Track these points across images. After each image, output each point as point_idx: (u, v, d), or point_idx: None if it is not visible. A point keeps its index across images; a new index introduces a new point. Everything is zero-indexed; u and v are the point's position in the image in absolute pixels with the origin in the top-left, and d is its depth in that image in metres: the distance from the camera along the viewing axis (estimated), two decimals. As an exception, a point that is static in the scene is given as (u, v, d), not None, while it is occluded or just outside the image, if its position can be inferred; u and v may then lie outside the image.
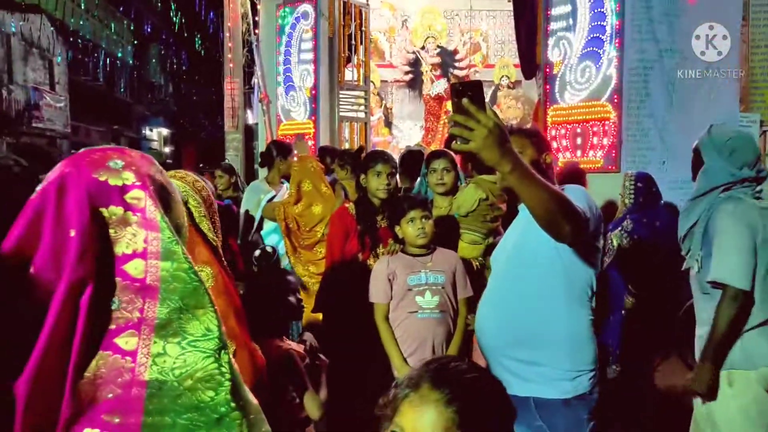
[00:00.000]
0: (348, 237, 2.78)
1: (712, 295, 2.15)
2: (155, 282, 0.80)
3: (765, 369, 2.11)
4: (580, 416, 1.79)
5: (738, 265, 2.05)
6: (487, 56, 10.67)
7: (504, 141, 1.33)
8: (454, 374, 0.91)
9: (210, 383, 0.80)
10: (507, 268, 1.92)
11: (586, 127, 5.53)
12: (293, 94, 7.63)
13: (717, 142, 2.20)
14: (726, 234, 2.09)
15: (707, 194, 2.19)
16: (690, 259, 2.27)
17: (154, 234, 0.81)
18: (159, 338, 0.79)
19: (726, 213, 2.11)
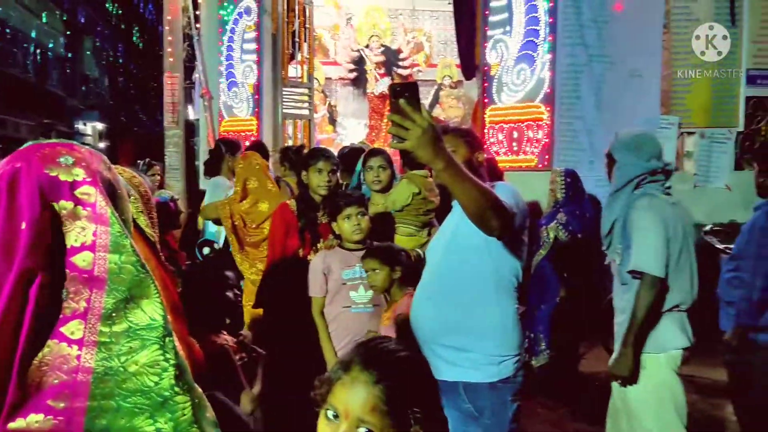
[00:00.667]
0: (289, 233, 2.83)
1: (629, 285, 2.33)
2: (103, 273, 0.83)
3: (674, 352, 2.31)
4: (505, 398, 1.92)
5: (654, 254, 2.24)
6: (430, 56, 10.87)
7: (437, 140, 1.42)
8: (382, 355, 0.99)
9: (154, 369, 0.84)
10: (441, 260, 2.02)
11: (521, 127, 5.77)
12: (236, 90, 7.55)
13: (624, 141, 2.42)
14: (642, 227, 2.28)
15: (624, 188, 2.38)
16: (612, 252, 2.45)
17: (104, 228, 0.84)
18: (105, 327, 0.83)
19: (642, 208, 2.30)
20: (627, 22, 5.63)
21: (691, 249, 2.36)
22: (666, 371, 2.31)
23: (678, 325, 2.33)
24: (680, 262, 2.31)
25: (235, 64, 7.50)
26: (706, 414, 3.71)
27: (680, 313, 2.34)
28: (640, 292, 2.25)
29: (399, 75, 10.66)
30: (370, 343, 1.05)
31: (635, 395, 2.33)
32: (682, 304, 2.33)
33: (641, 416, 2.32)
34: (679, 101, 5.93)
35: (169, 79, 8.16)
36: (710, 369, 3.87)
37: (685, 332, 2.34)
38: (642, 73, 5.65)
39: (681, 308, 2.33)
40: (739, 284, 2.57)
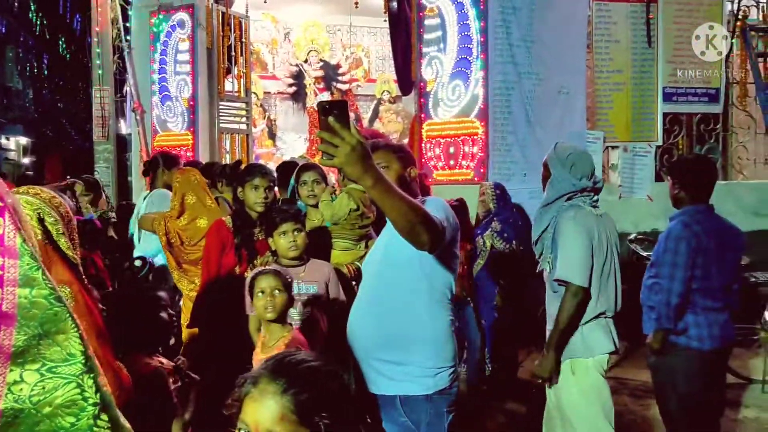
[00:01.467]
0: (224, 250, 2.78)
1: (559, 293, 2.42)
2: (12, 309, 0.78)
3: (601, 356, 2.43)
4: (441, 409, 1.95)
5: (578, 264, 2.34)
6: (369, 71, 10.99)
7: (366, 157, 1.43)
8: (290, 365, 0.98)
9: (71, 409, 0.79)
10: (375, 274, 2.04)
11: (457, 141, 5.92)
12: (169, 104, 7.35)
13: (561, 157, 2.51)
14: (568, 237, 2.38)
15: (554, 202, 2.50)
16: (543, 261, 2.55)
17: (12, 261, 0.80)
18: (15, 366, 0.77)
19: (568, 219, 2.41)
20: (553, 42, 5.92)
21: (615, 259, 2.48)
22: (594, 375, 2.41)
23: (604, 331, 2.43)
24: (605, 272, 2.42)
25: (168, 77, 7.32)
26: (636, 415, 3.90)
27: (606, 319, 2.45)
28: (564, 300, 2.35)
29: (338, 90, 10.71)
30: (278, 356, 1.03)
31: (567, 399, 2.42)
32: (608, 311, 2.45)
33: (572, 419, 2.42)
34: (602, 117, 6.28)
35: (99, 92, 7.86)
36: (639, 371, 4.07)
37: (611, 337, 2.46)
38: (568, 90, 5.95)
39: (607, 315, 2.45)
40: (658, 290, 2.71)
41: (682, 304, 2.65)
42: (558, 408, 2.48)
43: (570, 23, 5.98)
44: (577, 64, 6.01)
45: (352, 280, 2.84)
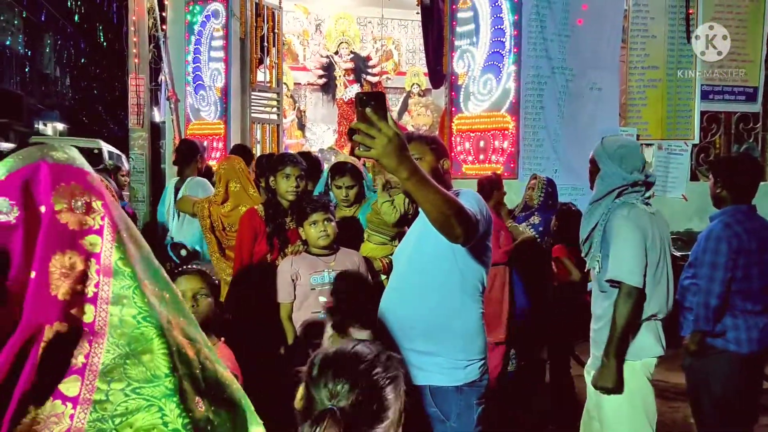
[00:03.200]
0: (257, 238, 2.83)
1: (608, 293, 2.35)
2: (103, 327, 0.79)
3: (648, 360, 2.35)
4: (470, 401, 1.96)
5: (632, 264, 2.25)
6: (399, 64, 10.97)
7: (402, 149, 1.44)
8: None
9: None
10: (407, 266, 2.05)
11: (487, 136, 5.88)
12: (203, 94, 7.46)
13: (609, 151, 2.42)
14: (621, 236, 2.29)
15: (604, 198, 2.40)
16: (591, 260, 2.46)
17: (107, 279, 0.81)
18: (102, 384, 0.78)
19: (621, 217, 2.31)
20: (588, 37, 5.82)
21: (668, 259, 2.38)
22: (641, 379, 2.34)
23: (654, 334, 2.35)
24: (658, 272, 2.32)
25: (202, 67, 7.42)
26: (666, 417, 3.85)
27: (656, 321, 2.37)
28: (618, 302, 2.25)
29: (368, 82, 10.72)
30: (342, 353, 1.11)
31: (609, 402, 2.33)
32: (660, 313, 2.35)
33: (614, 423, 2.34)
34: (636, 114, 6.16)
35: (134, 80, 8.01)
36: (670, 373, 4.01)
37: (660, 341, 2.38)
38: (601, 86, 5.85)
39: (658, 317, 2.36)
40: (696, 291, 2.63)
41: (720, 306, 2.57)
42: (599, 410, 2.40)
43: (606, 18, 5.88)
44: (612, 60, 5.91)
45: (385, 273, 2.86)
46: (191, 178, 4.13)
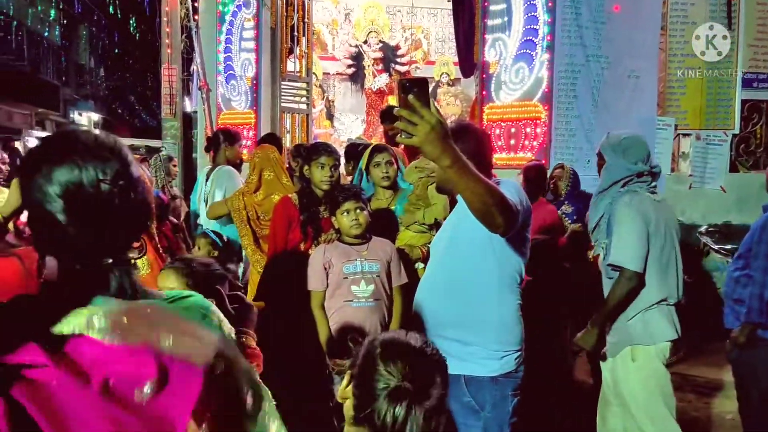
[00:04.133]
0: (291, 227, 2.85)
1: (615, 279, 2.38)
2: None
3: (663, 344, 2.38)
4: (506, 392, 1.95)
5: (632, 250, 2.30)
6: (428, 53, 10.89)
7: (445, 137, 1.42)
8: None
9: None
10: (444, 255, 2.04)
11: (519, 125, 5.80)
12: (234, 83, 7.53)
13: (613, 143, 2.49)
14: (623, 223, 2.34)
15: (610, 188, 2.45)
16: (597, 247, 2.52)
17: None
18: None
19: (624, 204, 2.36)
20: (625, 24, 5.67)
21: (675, 245, 2.42)
22: (655, 362, 2.37)
23: (667, 318, 2.39)
24: (664, 257, 2.37)
25: (233, 56, 7.49)
26: (700, 412, 3.77)
27: (668, 306, 2.40)
28: (617, 284, 2.33)
29: (397, 71, 10.67)
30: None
31: (626, 386, 2.39)
32: (670, 298, 2.39)
33: (631, 406, 2.39)
34: (674, 102, 5.99)
35: (167, 70, 8.13)
36: (703, 368, 3.93)
37: (674, 325, 2.40)
38: (639, 74, 5.71)
39: (669, 302, 2.39)
40: (748, 282, 2.62)
41: None
42: (616, 395, 2.44)
43: (644, 3, 5.72)
44: (650, 47, 5.75)
45: (424, 262, 2.86)
46: (220, 167, 4.17)
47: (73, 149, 0.88)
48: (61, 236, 0.86)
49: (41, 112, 18.64)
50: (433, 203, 2.90)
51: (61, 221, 0.85)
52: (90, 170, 0.87)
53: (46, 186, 0.86)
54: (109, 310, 0.83)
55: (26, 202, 0.88)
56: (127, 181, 0.90)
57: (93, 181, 0.87)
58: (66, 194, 0.86)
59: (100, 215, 0.87)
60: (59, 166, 0.86)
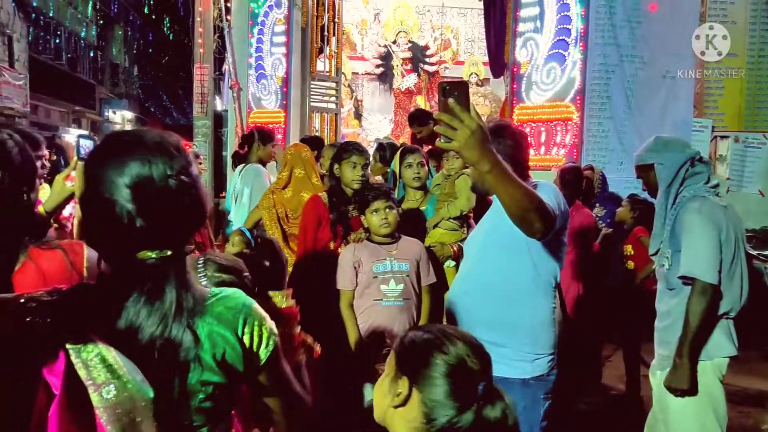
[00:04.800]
0: (320, 225, 2.86)
1: (677, 290, 2.23)
2: None
3: (719, 360, 2.21)
4: (537, 395, 1.92)
5: (707, 260, 2.12)
6: (457, 53, 10.84)
7: (485, 142, 1.39)
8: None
9: None
10: (479, 255, 2.02)
11: (550, 126, 5.73)
12: (264, 83, 7.61)
13: (652, 147, 2.36)
14: (694, 231, 2.16)
15: (672, 184, 2.29)
16: (660, 257, 2.35)
17: None
18: None
19: (693, 211, 2.19)
20: (661, 23, 5.56)
21: (742, 254, 2.24)
22: (711, 379, 2.22)
23: (726, 333, 2.23)
24: (732, 268, 2.20)
25: (264, 56, 7.57)
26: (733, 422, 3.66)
27: (728, 320, 2.24)
28: (692, 300, 2.13)
29: (425, 71, 10.65)
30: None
31: (677, 404, 2.22)
32: (732, 312, 2.23)
33: (681, 425, 2.23)
34: (711, 104, 5.84)
35: (199, 69, 8.26)
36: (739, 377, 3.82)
37: (732, 340, 2.25)
38: (675, 74, 5.59)
39: (730, 315, 2.24)
40: None
41: None
42: (665, 412, 2.28)
43: (682, 2, 5.59)
44: (687, 47, 5.61)
45: (455, 260, 2.84)
46: (250, 164, 4.22)
47: (142, 145, 0.93)
48: (127, 228, 0.90)
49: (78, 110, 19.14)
50: (458, 196, 2.89)
51: (130, 211, 0.89)
52: (159, 165, 0.91)
53: (118, 178, 0.90)
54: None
55: (93, 194, 0.92)
56: (190, 177, 0.95)
57: (162, 176, 0.91)
58: (136, 186, 0.90)
59: (166, 208, 0.92)
60: (131, 160, 0.91)
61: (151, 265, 0.91)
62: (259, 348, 1.00)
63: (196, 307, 0.94)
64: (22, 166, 1.35)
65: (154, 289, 0.91)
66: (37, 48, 16.31)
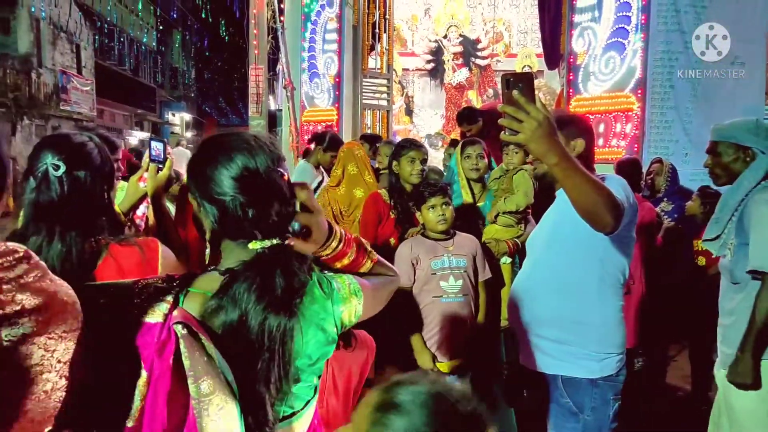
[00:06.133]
0: (381, 221, 2.88)
1: (742, 285, 2.14)
2: None
3: None
4: (606, 396, 1.86)
5: None
6: (510, 45, 10.65)
7: (552, 134, 1.37)
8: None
9: None
10: (543, 252, 1.97)
11: (608, 118, 5.55)
12: (317, 81, 7.72)
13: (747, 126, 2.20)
14: (765, 223, 2.06)
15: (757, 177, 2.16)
16: (722, 247, 2.25)
17: None
18: None
19: (763, 202, 2.08)
20: (728, 6, 5.28)
21: None
22: None
23: None
24: None
25: (317, 55, 7.67)
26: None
27: None
28: (761, 295, 2.03)
29: (477, 65, 10.53)
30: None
31: (742, 403, 2.14)
32: None
33: (744, 423, 2.15)
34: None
35: (254, 71, 8.46)
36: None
37: None
38: (744, 60, 5.29)
39: None
40: None
41: None
42: (729, 410, 2.21)
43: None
44: (757, 31, 5.31)
45: (510, 256, 2.81)
46: (301, 161, 4.33)
47: (244, 142, 1.01)
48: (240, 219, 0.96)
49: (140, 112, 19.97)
50: (516, 191, 2.84)
51: (243, 203, 0.96)
52: (261, 158, 0.99)
53: (227, 173, 0.97)
54: None
55: (203, 192, 0.99)
56: (285, 169, 1.02)
57: (266, 168, 0.99)
58: (245, 179, 0.97)
59: (271, 198, 0.99)
60: (237, 155, 0.98)
61: (261, 254, 0.97)
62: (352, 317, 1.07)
63: (300, 292, 0.99)
64: (102, 166, 1.43)
65: (264, 277, 0.95)
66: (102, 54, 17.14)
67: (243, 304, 0.94)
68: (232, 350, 0.91)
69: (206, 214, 1.00)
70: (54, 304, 0.77)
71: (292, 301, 0.97)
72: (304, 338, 0.99)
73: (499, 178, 3.00)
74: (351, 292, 1.07)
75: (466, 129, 4.55)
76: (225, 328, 0.93)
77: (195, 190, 1.00)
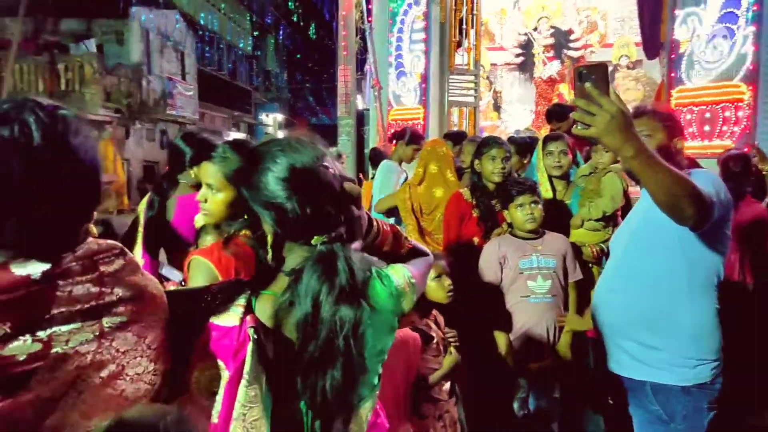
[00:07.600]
0: (463, 221, 2.87)
1: None
2: None
3: None
4: (700, 405, 1.76)
5: None
6: (605, 35, 10.15)
7: (627, 126, 1.32)
8: None
9: None
10: (626, 253, 1.90)
11: (715, 109, 5.17)
12: (404, 80, 7.79)
13: None
14: None
15: None
16: None
17: None
18: None
19: None
20: None
21: None
22: None
23: None
24: None
25: (404, 54, 7.74)
26: None
27: None
28: None
29: (569, 57, 10.14)
30: None
31: None
32: None
33: None
34: None
35: (343, 71, 8.66)
36: None
37: None
38: None
39: None
40: None
41: None
42: None
43: None
44: None
45: (594, 262, 2.70)
46: (385, 161, 4.37)
47: (283, 143, 1.05)
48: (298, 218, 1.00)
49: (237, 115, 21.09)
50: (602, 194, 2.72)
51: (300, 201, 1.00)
52: (305, 155, 1.02)
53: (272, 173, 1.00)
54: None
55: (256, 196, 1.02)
56: (331, 166, 1.06)
57: (311, 164, 1.02)
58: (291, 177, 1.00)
59: (321, 192, 1.02)
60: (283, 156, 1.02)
61: (323, 250, 1.01)
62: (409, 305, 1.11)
63: (365, 283, 1.03)
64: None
65: (330, 271, 0.99)
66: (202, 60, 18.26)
67: (314, 298, 0.97)
68: (308, 344, 0.96)
69: (265, 221, 1.04)
70: (144, 296, 0.87)
71: (359, 291, 1.00)
72: (372, 328, 1.02)
73: (588, 175, 2.88)
74: (406, 282, 1.10)
75: (555, 126, 4.41)
76: (299, 324, 0.97)
77: (250, 201, 1.03)
